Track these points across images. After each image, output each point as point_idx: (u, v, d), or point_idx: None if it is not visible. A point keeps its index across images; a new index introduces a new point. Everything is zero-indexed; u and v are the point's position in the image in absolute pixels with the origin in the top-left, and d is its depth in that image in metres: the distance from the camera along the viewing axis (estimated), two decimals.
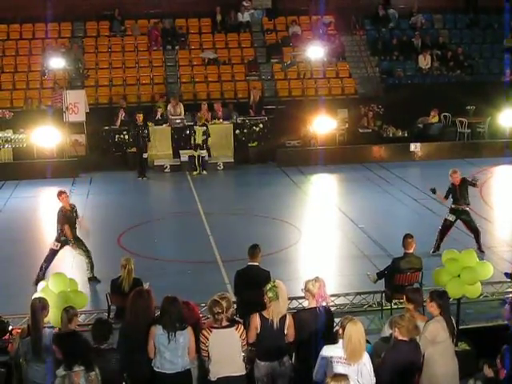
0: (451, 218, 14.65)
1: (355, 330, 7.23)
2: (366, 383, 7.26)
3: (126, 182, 22.18)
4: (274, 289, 8.09)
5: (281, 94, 27.14)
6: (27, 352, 8.11)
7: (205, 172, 22.79)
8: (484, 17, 30.33)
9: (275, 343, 8.15)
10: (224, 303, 8.10)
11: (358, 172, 22.68)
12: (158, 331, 7.95)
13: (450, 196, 14.70)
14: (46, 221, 18.40)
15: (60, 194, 13.44)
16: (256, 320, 8.11)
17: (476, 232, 14.67)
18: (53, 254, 13.42)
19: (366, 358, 7.31)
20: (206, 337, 7.91)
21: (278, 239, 15.75)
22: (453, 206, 14.69)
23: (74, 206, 13.62)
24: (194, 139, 22.62)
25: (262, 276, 9.83)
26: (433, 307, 8.26)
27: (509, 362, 7.30)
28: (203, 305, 10.28)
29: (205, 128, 22.64)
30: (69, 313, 8.11)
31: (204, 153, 22.85)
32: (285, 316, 8.17)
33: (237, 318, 9.42)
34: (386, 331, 8.20)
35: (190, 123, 23.70)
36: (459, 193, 14.56)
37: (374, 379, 7.29)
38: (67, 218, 13.25)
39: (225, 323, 7.96)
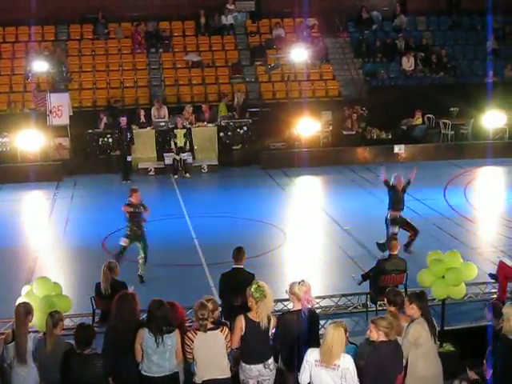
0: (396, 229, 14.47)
1: (331, 333, 7.23)
2: None
3: (111, 185, 22.06)
4: (259, 289, 8.10)
5: (265, 96, 27.11)
6: (12, 357, 8.08)
7: (188, 175, 22.76)
8: (467, 19, 30.45)
9: (260, 345, 8.16)
10: (210, 305, 8.10)
11: (343, 174, 22.71)
12: (145, 334, 7.94)
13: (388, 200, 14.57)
14: (30, 225, 18.34)
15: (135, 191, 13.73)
16: (241, 321, 8.11)
17: (416, 232, 14.57)
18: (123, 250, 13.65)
19: (349, 363, 7.30)
20: (191, 339, 7.91)
21: (263, 242, 15.73)
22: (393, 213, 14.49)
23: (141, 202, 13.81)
24: (175, 143, 22.63)
25: (247, 279, 9.81)
26: (413, 309, 8.24)
27: (492, 363, 7.34)
28: (188, 308, 10.28)
29: (185, 130, 22.62)
30: (54, 317, 8.06)
31: (187, 156, 22.84)
32: (269, 317, 8.18)
33: (223, 320, 9.42)
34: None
35: (171, 126, 23.64)
36: (399, 197, 14.50)
37: (357, 383, 7.29)
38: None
39: (210, 326, 7.95)
